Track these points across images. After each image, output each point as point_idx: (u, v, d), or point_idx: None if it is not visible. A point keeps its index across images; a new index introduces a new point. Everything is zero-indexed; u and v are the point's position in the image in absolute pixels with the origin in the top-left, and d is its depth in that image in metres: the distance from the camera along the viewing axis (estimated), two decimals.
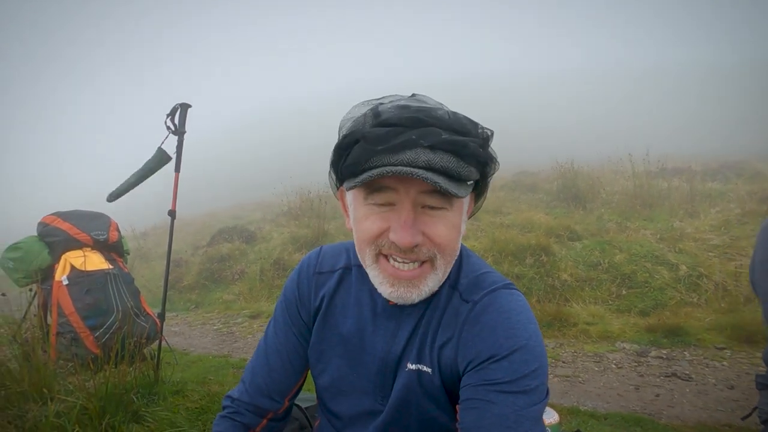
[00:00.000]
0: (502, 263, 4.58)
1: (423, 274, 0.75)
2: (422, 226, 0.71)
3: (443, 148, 0.66)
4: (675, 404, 2.44)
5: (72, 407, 1.82)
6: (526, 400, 0.69)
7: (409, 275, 0.74)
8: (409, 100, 0.74)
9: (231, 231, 7.47)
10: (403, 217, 0.70)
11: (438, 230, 0.72)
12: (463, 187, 0.70)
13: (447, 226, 0.73)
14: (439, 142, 0.66)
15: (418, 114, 0.67)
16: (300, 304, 0.90)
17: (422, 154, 0.65)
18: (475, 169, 0.71)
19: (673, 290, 3.99)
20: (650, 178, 6.37)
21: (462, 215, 0.77)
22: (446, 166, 0.66)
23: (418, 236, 0.71)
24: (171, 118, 2.53)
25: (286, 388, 0.90)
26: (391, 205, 0.72)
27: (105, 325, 2.66)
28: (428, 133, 0.66)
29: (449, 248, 0.74)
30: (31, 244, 2.78)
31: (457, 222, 0.75)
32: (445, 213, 0.72)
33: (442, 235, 0.72)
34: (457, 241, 0.77)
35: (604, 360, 3.11)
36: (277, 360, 0.90)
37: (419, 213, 0.72)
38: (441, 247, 0.73)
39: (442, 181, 0.65)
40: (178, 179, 2.58)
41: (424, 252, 0.73)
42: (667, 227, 5.14)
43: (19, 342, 2.21)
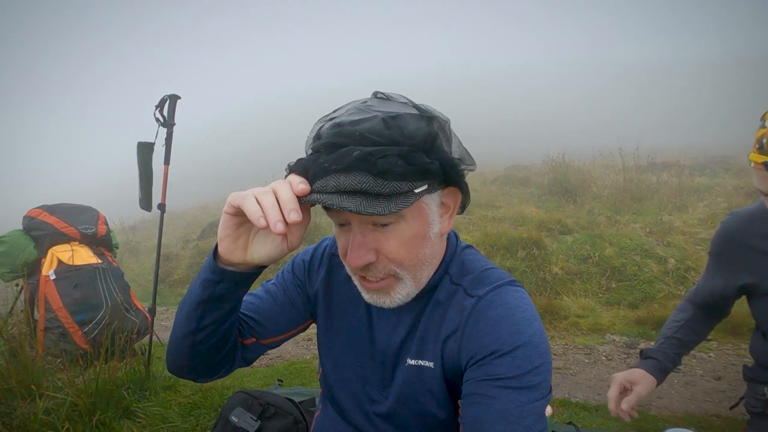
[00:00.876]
0: (494, 257, 4.60)
1: (389, 285, 0.75)
2: (374, 243, 0.71)
3: (357, 167, 0.62)
4: (664, 395, 2.48)
5: (61, 404, 1.80)
6: (529, 396, 0.69)
7: (375, 286, 0.75)
8: (349, 112, 0.71)
9: None
10: (352, 238, 0.71)
11: (390, 246, 0.70)
12: (395, 202, 0.64)
13: (400, 240, 0.71)
14: (349, 163, 0.62)
15: (339, 136, 0.65)
16: (308, 275, 0.92)
17: (332, 179, 0.63)
18: (406, 181, 0.65)
19: (661, 283, 4.05)
20: (640, 173, 6.44)
21: (428, 219, 0.74)
22: (360, 188, 0.61)
23: (369, 255, 0.70)
24: (160, 109, 2.48)
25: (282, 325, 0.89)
26: (348, 225, 0.73)
27: (94, 320, 2.62)
28: (340, 155, 0.63)
29: (407, 260, 0.73)
30: (17, 238, 2.73)
31: (417, 231, 0.72)
32: (396, 226, 0.70)
33: (394, 251, 0.71)
34: (418, 249, 0.74)
35: (595, 352, 3.15)
36: (281, 295, 0.90)
37: (371, 230, 0.70)
38: (397, 262, 0.72)
39: (354, 204, 0.61)
40: (168, 172, 2.54)
41: (380, 269, 0.72)
42: (656, 221, 5.21)
43: (6, 338, 2.17)
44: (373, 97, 0.76)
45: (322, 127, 0.72)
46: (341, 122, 0.68)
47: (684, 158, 7.63)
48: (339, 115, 0.72)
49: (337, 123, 0.68)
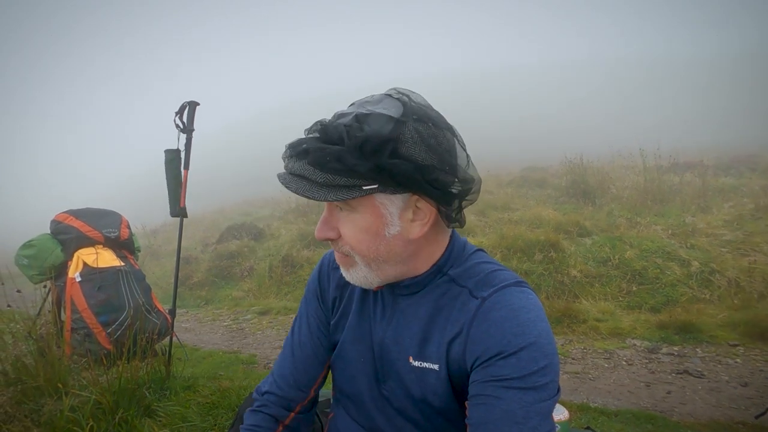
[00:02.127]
0: (511, 259, 4.56)
1: (346, 262, 0.82)
2: (336, 223, 0.79)
3: (302, 157, 0.73)
4: (687, 401, 2.41)
5: (86, 402, 1.85)
6: (535, 396, 0.69)
7: (339, 258, 0.84)
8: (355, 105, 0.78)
9: (240, 228, 7.52)
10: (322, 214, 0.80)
11: (345, 229, 0.78)
12: (333, 192, 0.71)
13: (354, 227, 0.77)
14: (298, 151, 0.73)
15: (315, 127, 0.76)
16: (321, 298, 0.97)
17: (290, 162, 0.74)
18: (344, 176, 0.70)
19: (684, 286, 3.94)
20: (661, 173, 6.29)
21: (381, 219, 0.75)
22: (302, 173, 0.72)
23: (330, 232, 0.79)
24: (179, 116, 2.55)
25: (311, 378, 0.96)
26: None
27: (117, 321, 2.69)
28: (296, 143, 0.74)
29: (359, 249, 0.78)
30: (45, 242, 2.83)
31: (369, 225, 0.75)
32: (350, 214, 0.77)
33: (348, 235, 0.78)
34: (371, 243, 0.77)
35: (615, 357, 3.08)
36: (301, 352, 0.96)
37: (337, 212, 0.79)
38: (351, 245, 0.79)
39: (293, 185, 0.73)
40: (187, 177, 2.60)
41: (340, 246, 0.80)
42: (679, 223, 5.07)
43: (35, 338, 2.25)
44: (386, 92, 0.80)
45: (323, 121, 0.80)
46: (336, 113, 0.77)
47: (707, 158, 7.41)
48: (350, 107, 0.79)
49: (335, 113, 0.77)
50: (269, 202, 10.52)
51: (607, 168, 7.12)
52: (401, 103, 0.74)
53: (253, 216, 9.56)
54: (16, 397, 1.91)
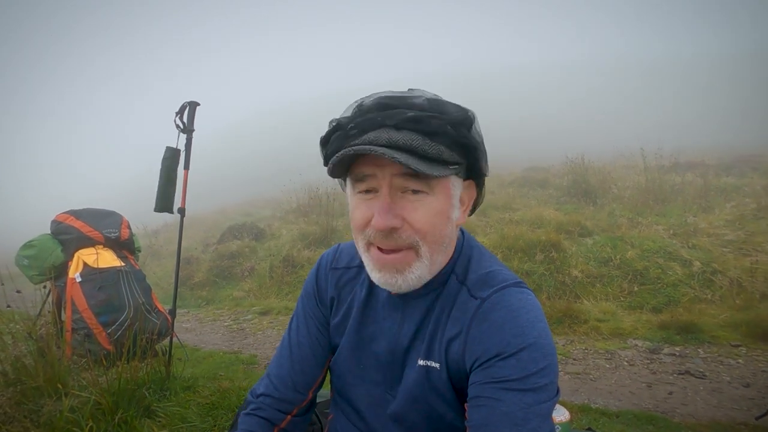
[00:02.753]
0: (512, 260, 4.55)
1: (406, 259, 0.74)
2: (401, 210, 0.71)
3: (407, 126, 0.67)
4: (688, 402, 2.40)
5: (86, 402, 1.85)
6: (535, 398, 0.68)
7: (391, 259, 0.74)
8: (395, 92, 0.75)
9: (241, 228, 7.53)
10: (380, 202, 0.71)
11: (417, 215, 0.72)
12: (437, 167, 0.69)
13: (428, 211, 0.72)
14: (402, 120, 0.66)
15: (390, 100, 0.70)
16: (318, 298, 0.95)
17: (384, 133, 0.66)
18: (448, 148, 0.69)
19: (686, 287, 3.93)
20: (663, 173, 6.28)
21: (451, 201, 0.75)
22: (409, 144, 0.66)
23: (395, 220, 0.71)
24: (180, 116, 2.55)
25: (310, 379, 0.93)
26: (374, 192, 0.73)
27: (117, 322, 2.69)
28: (393, 114, 0.67)
29: (431, 234, 0.73)
30: (45, 242, 2.83)
31: (442, 208, 0.73)
32: (425, 197, 0.72)
33: (421, 220, 0.72)
34: (444, 228, 0.75)
35: (616, 357, 3.07)
36: (299, 353, 0.93)
37: (399, 198, 0.72)
38: (421, 232, 0.72)
39: (404, 158, 0.65)
40: (188, 177, 2.60)
41: (404, 238, 0.72)
42: (681, 222, 5.06)
43: (35, 338, 2.25)
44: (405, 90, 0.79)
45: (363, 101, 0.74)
46: (386, 95, 0.72)
47: (709, 158, 7.40)
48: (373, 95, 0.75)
49: (383, 95, 0.72)
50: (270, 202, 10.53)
51: (608, 168, 7.11)
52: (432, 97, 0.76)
53: (254, 216, 9.56)
54: (15, 398, 1.91)
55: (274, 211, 9.41)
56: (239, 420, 0.92)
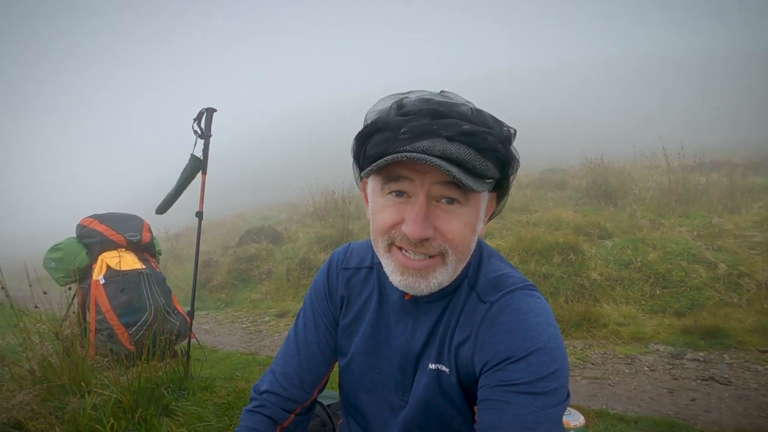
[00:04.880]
0: (529, 262, 4.49)
1: (432, 266, 0.74)
2: (435, 220, 0.71)
3: (461, 140, 0.66)
4: (712, 409, 2.32)
5: (107, 400, 1.91)
6: (545, 402, 0.68)
7: (418, 265, 0.74)
8: (434, 95, 0.75)
9: (258, 232, 7.64)
10: (416, 209, 0.70)
11: (450, 226, 0.71)
12: (480, 183, 0.69)
13: (460, 222, 0.72)
14: (457, 133, 0.66)
15: (440, 107, 0.69)
16: (329, 297, 0.94)
17: (439, 143, 0.65)
18: (494, 165, 0.70)
19: (711, 290, 3.80)
20: (686, 173, 6.10)
21: (479, 213, 0.75)
22: (462, 158, 0.65)
23: (430, 230, 0.70)
24: (197, 122, 2.61)
25: (316, 378, 0.93)
26: (406, 196, 0.72)
27: (138, 323, 2.77)
28: (448, 124, 0.66)
29: (461, 245, 0.73)
30: (71, 245, 2.93)
31: (472, 220, 0.74)
32: (460, 208, 0.71)
33: (454, 231, 0.72)
34: (471, 239, 0.75)
35: (636, 362, 3.00)
36: (307, 350, 0.93)
37: (433, 206, 0.72)
38: (453, 243, 0.72)
39: (456, 171, 0.65)
40: (205, 181, 2.66)
41: (435, 246, 0.72)
42: (705, 224, 4.90)
43: (60, 338, 2.33)
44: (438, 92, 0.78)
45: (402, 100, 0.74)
46: (431, 99, 0.71)
47: (736, 157, 7.15)
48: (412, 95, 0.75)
49: (427, 99, 0.71)
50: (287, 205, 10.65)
51: (629, 168, 6.94)
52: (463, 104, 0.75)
53: (271, 220, 9.69)
54: (41, 395, 1.99)
55: (291, 215, 9.52)
56: (242, 415, 0.93)
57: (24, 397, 1.94)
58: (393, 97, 0.76)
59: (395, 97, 0.76)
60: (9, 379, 2.16)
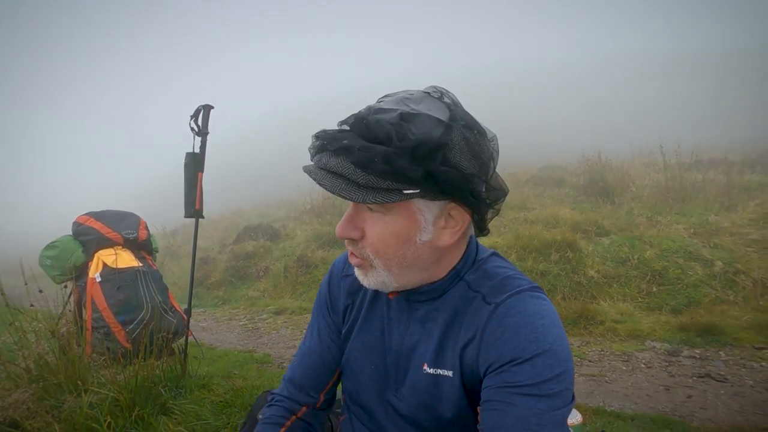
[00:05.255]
0: (526, 259, 4.50)
1: (363, 265, 0.78)
2: (362, 223, 0.75)
3: (342, 153, 0.68)
4: (708, 406, 2.34)
5: (104, 399, 1.90)
6: (549, 404, 0.67)
7: (355, 261, 0.79)
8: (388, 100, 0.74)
9: (256, 229, 7.62)
10: (347, 211, 0.76)
11: (372, 231, 0.74)
12: (372, 195, 0.66)
13: (384, 229, 0.73)
14: (339, 147, 0.68)
15: (347, 122, 0.71)
16: (331, 305, 0.97)
17: (324, 157, 0.69)
18: (382, 178, 0.66)
19: (707, 287, 3.82)
20: (683, 171, 6.12)
21: (415, 224, 0.73)
22: (340, 172, 0.67)
23: (353, 231, 0.75)
24: (194, 119, 2.60)
25: (320, 384, 0.96)
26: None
27: (135, 321, 2.76)
28: (334, 139, 0.69)
29: (383, 253, 0.74)
30: (66, 243, 2.92)
31: (401, 230, 0.72)
32: (382, 216, 0.73)
33: (374, 236, 0.74)
34: (400, 248, 0.74)
35: (633, 359, 3.01)
36: (310, 359, 0.97)
37: (364, 210, 0.75)
38: (372, 248, 0.75)
39: (329, 183, 0.68)
40: (202, 179, 2.64)
41: (359, 248, 0.76)
42: (702, 221, 4.93)
43: (57, 336, 2.32)
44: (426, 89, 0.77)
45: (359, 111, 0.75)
46: (372, 107, 0.72)
47: (732, 154, 7.18)
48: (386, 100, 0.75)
49: (369, 107, 0.73)
50: (285, 203, 10.63)
51: (626, 166, 6.97)
52: (446, 106, 0.72)
53: (269, 217, 9.67)
54: (38, 394, 1.98)
55: (288, 212, 9.50)
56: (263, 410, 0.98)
57: (20, 395, 1.93)
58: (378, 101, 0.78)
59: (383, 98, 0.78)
60: (5, 378, 2.15)
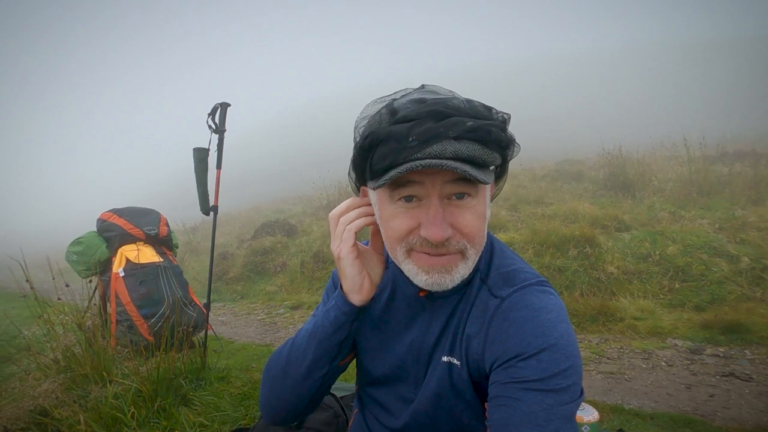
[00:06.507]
0: (543, 255, 4.44)
1: (455, 260, 0.74)
2: (450, 218, 0.71)
3: (468, 137, 0.66)
4: (731, 406, 2.28)
5: (128, 389, 1.97)
6: (557, 399, 0.67)
7: (443, 261, 0.73)
8: (421, 92, 0.74)
9: (273, 225, 7.72)
10: (431, 212, 0.70)
11: (466, 220, 0.72)
12: (488, 173, 0.71)
13: (474, 215, 0.73)
14: (463, 131, 0.66)
15: (436, 106, 0.67)
16: None
17: (449, 145, 0.65)
18: (499, 154, 0.71)
19: (732, 284, 3.71)
20: (708, 164, 5.94)
21: (486, 201, 0.76)
22: (472, 155, 0.66)
23: (449, 230, 0.71)
24: (212, 117, 2.64)
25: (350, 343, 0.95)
26: (417, 200, 0.72)
27: (157, 314, 2.84)
28: (452, 124, 0.65)
29: (477, 237, 0.74)
30: (91, 239, 3.01)
31: (482, 209, 0.75)
32: (471, 201, 0.72)
33: (470, 225, 0.72)
34: (484, 228, 0.76)
35: (653, 357, 2.95)
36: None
37: (446, 205, 0.71)
38: (470, 237, 0.73)
39: (470, 169, 0.65)
40: (220, 176, 2.69)
41: (454, 244, 0.73)
42: (727, 216, 4.77)
43: (83, 329, 2.40)
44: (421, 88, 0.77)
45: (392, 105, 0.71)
46: (423, 99, 0.70)
47: (760, 146, 6.92)
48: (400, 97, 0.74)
49: (419, 99, 0.70)
50: (302, 199, 10.72)
51: (648, 159, 6.79)
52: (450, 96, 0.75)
53: (286, 213, 9.78)
54: (65, 384, 2.06)
55: (305, 208, 9.59)
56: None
57: (49, 385, 2.02)
58: (379, 101, 0.76)
59: (382, 101, 0.75)
60: (35, 368, 2.24)
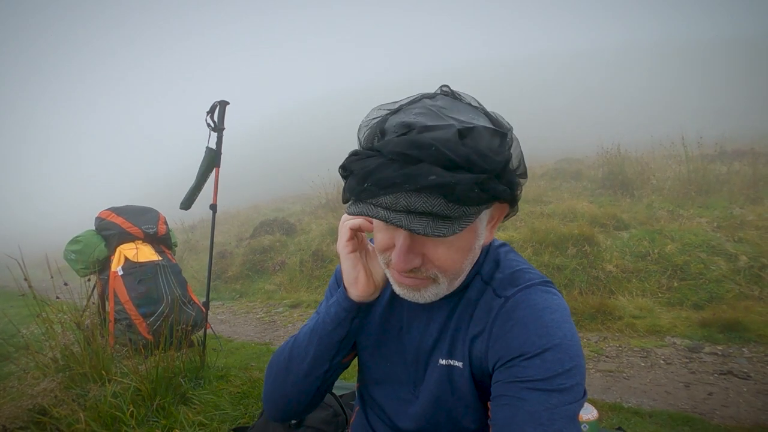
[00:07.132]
0: (542, 254, 4.44)
1: (424, 284, 0.73)
2: (422, 248, 0.69)
3: (429, 191, 0.60)
4: (730, 404, 2.28)
5: (127, 388, 1.97)
6: (560, 399, 0.67)
7: (409, 283, 0.73)
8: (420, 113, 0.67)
9: (272, 223, 7.71)
10: (399, 242, 0.69)
11: (438, 254, 0.69)
12: (459, 223, 0.63)
13: (449, 249, 0.69)
14: (425, 185, 0.59)
15: (410, 147, 0.61)
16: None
17: (402, 198, 0.61)
18: (475, 205, 0.64)
19: (731, 282, 3.72)
20: (706, 162, 5.94)
21: (476, 234, 0.72)
22: (429, 210, 0.60)
23: (416, 259, 0.69)
24: (210, 115, 2.63)
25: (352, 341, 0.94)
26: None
27: (156, 313, 2.83)
28: (412, 176, 0.59)
29: (451, 269, 0.72)
30: (90, 238, 3.00)
31: (465, 243, 0.71)
32: (447, 238, 0.68)
33: (442, 258, 0.70)
34: (464, 261, 0.73)
35: (652, 355, 2.96)
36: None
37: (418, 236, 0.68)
38: (442, 268, 0.71)
39: (420, 225, 0.61)
40: (219, 174, 2.69)
41: (423, 272, 0.71)
42: (726, 215, 4.78)
43: (81, 328, 2.40)
44: (440, 92, 0.74)
45: (386, 121, 0.68)
46: (412, 124, 0.64)
47: (759, 145, 6.93)
48: (403, 107, 0.70)
49: (407, 124, 0.64)
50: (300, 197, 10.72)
51: (646, 158, 6.79)
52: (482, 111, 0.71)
53: (285, 211, 9.77)
54: (64, 383, 2.05)
55: (304, 206, 9.58)
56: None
57: (48, 384, 2.01)
58: (382, 108, 0.73)
59: (384, 110, 0.72)
60: (33, 367, 2.24)
